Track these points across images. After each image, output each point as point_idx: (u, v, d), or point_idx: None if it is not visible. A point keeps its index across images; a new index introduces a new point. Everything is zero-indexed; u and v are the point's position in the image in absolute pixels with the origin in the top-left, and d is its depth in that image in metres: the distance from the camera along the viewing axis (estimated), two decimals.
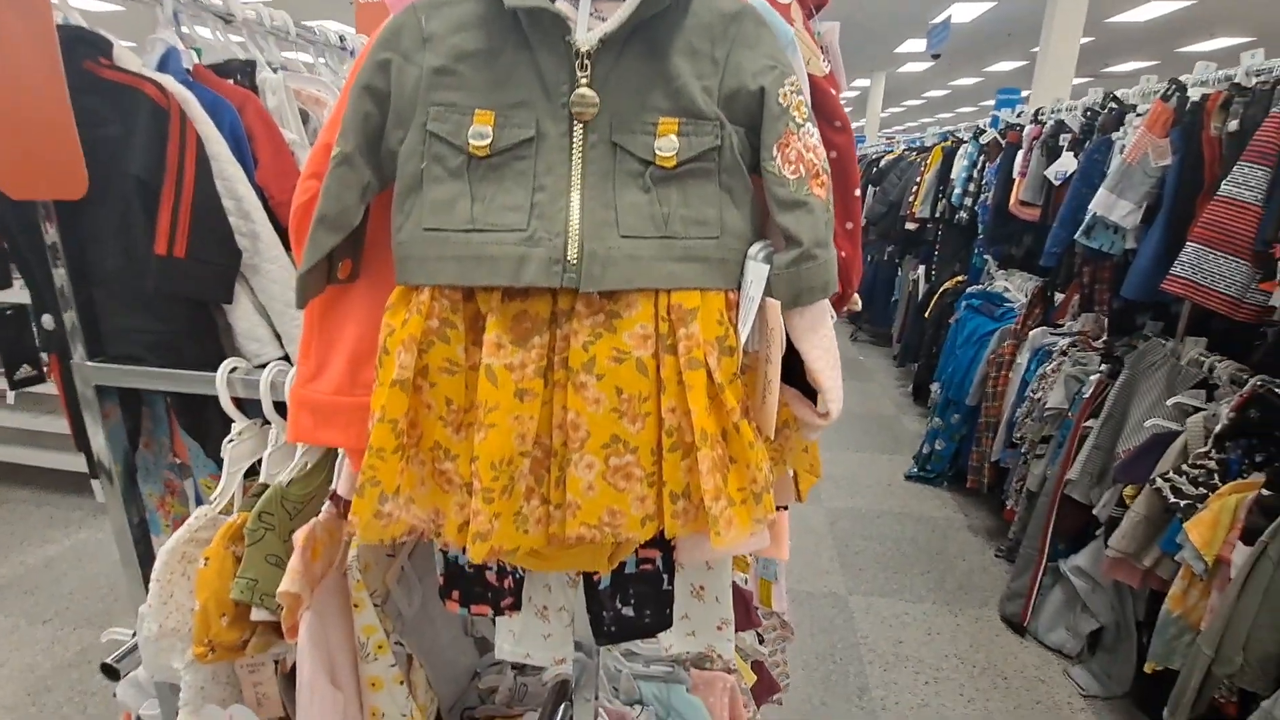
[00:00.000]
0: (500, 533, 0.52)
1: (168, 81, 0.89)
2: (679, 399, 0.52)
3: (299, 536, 0.68)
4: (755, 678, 1.33)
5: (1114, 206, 2.05)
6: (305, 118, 1.20)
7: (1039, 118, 2.94)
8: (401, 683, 0.76)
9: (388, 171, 0.55)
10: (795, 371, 0.54)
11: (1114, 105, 2.30)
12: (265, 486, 0.75)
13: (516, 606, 0.67)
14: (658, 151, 0.52)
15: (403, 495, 0.53)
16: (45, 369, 1.19)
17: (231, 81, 1.08)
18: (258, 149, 0.98)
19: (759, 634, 1.38)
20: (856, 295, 1.18)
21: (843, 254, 0.86)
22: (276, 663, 0.80)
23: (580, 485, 0.52)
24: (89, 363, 0.89)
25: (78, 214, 0.87)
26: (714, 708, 1.05)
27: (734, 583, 1.34)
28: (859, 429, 4.18)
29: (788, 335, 0.52)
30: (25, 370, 1.22)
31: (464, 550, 0.53)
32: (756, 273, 0.52)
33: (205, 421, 0.96)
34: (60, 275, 0.87)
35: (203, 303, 0.91)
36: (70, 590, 2.45)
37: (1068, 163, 2.48)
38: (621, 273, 0.51)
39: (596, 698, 0.87)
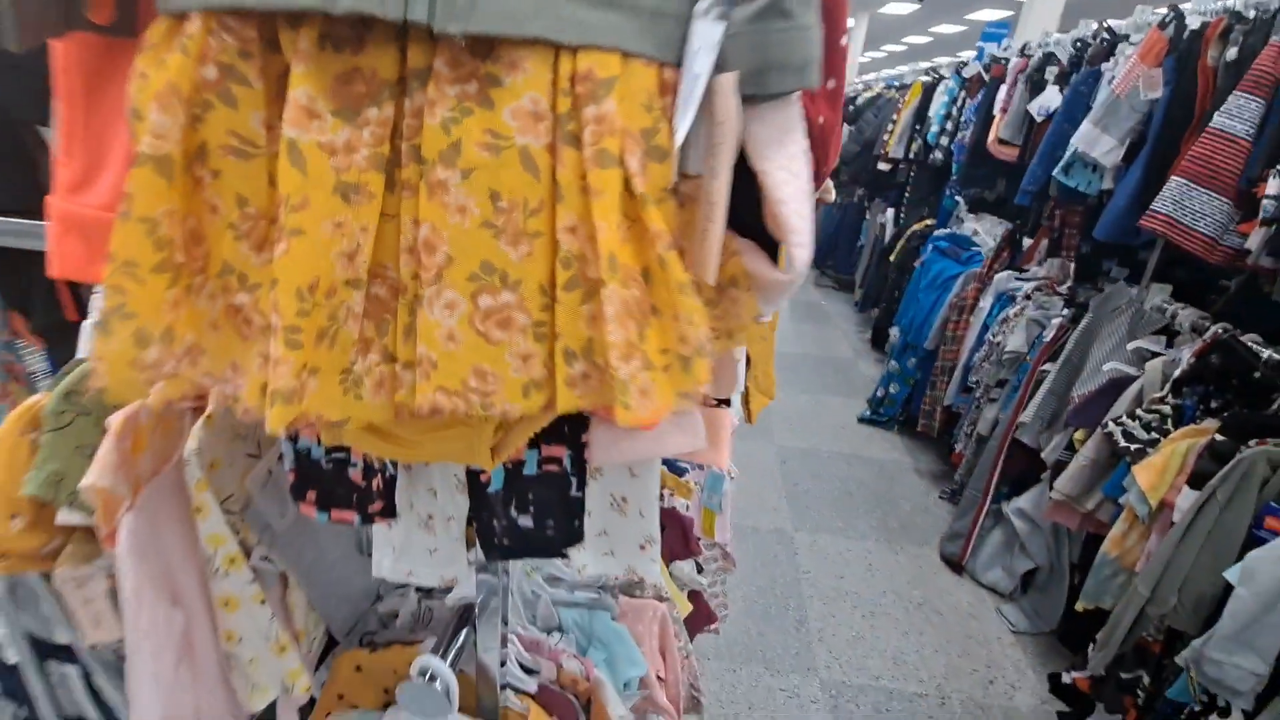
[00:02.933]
0: (319, 395, 0.37)
1: None
2: (582, 213, 0.36)
3: (115, 421, 0.54)
4: (691, 608, 1.27)
5: (1096, 142, 1.95)
6: None
7: (1025, 51, 2.80)
8: (263, 602, 0.63)
9: None
10: (745, 212, 0.40)
11: (1106, 36, 2.17)
12: (81, 361, 0.59)
13: (390, 513, 0.54)
14: None
15: (181, 340, 0.37)
16: None
17: None
18: None
19: (698, 563, 1.31)
20: (830, 185, 1.06)
21: (821, 119, 0.73)
22: (112, 576, 0.67)
23: (437, 334, 0.37)
24: None
25: None
26: (642, 636, 0.97)
27: (674, 509, 1.26)
28: (814, 371, 4.15)
29: (744, 151, 0.38)
30: None
31: None
32: (705, 36, 0.36)
33: (29, 285, 0.77)
34: None
35: (9, 125, 0.71)
36: None
37: (1052, 97, 2.36)
38: (503, 8, 0.34)
39: (506, 623, 0.77)
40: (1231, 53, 1.61)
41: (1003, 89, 2.79)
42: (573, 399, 0.38)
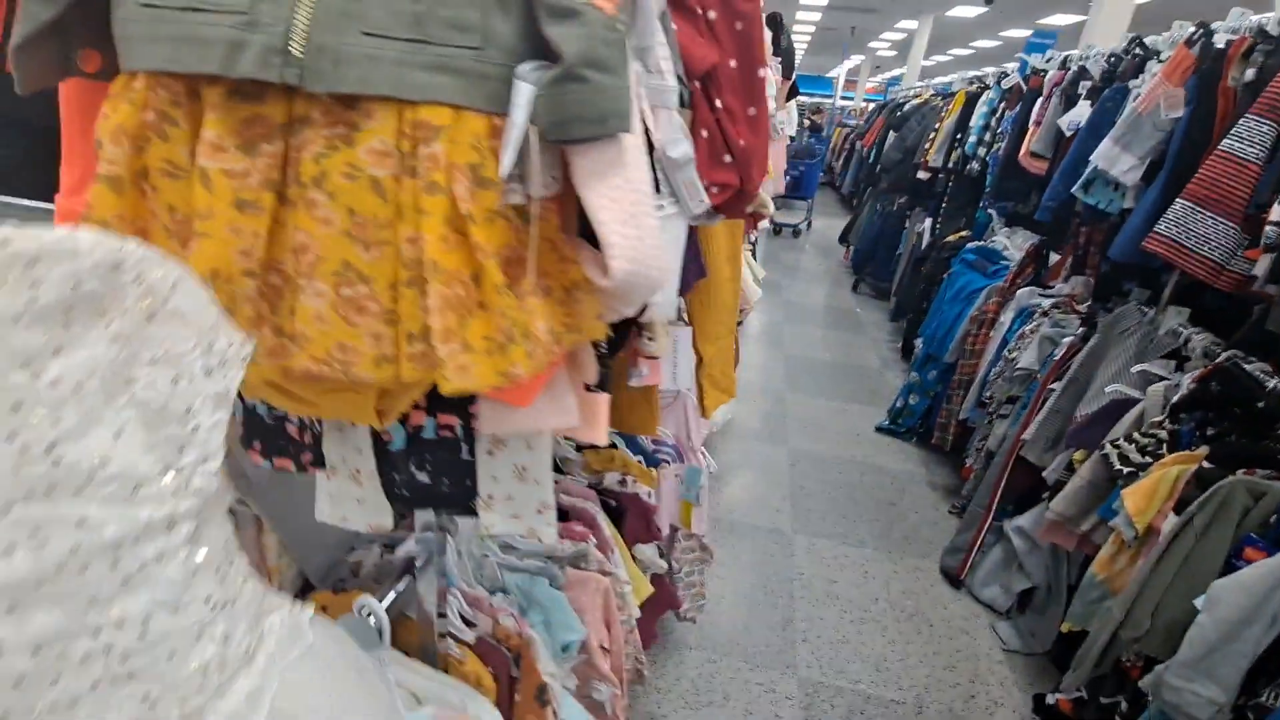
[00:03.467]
0: None
1: None
2: (417, 228, 0.46)
3: None
4: (653, 590, 1.34)
5: (1117, 160, 1.92)
6: None
7: (1067, 64, 2.74)
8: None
9: None
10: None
11: (1139, 51, 2.12)
12: None
13: (318, 463, 0.64)
14: None
15: None
16: None
17: None
18: None
19: (660, 548, 1.38)
20: (766, 199, 1.11)
21: (742, 142, 0.79)
22: None
23: (310, 314, 0.47)
24: None
25: None
26: (586, 606, 1.05)
27: (637, 494, 1.33)
28: (838, 379, 4.13)
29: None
30: None
31: None
32: (520, 94, 0.45)
33: None
34: None
35: (48, 128, 0.84)
36: None
37: (1082, 112, 2.32)
38: (357, 73, 0.44)
39: (445, 578, 0.86)
40: (1250, 74, 1.58)
41: (1039, 102, 2.74)
42: (413, 371, 0.47)
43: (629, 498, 1.27)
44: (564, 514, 1.15)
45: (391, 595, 0.79)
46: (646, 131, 0.57)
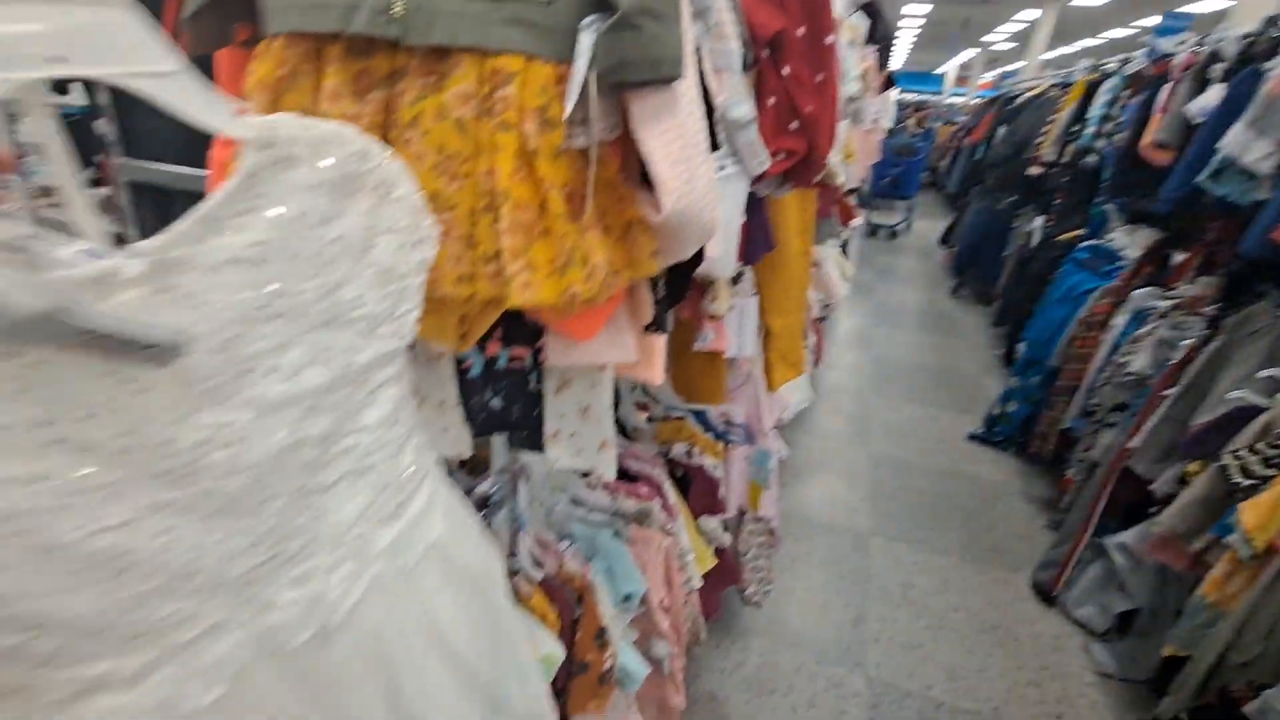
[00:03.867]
0: None
1: None
2: (492, 162, 0.53)
3: None
4: (716, 561, 1.37)
5: (1249, 147, 1.75)
6: None
7: (1201, 45, 2.51)
8: None
9: None
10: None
11: (1275, 32, 1.92)
12: None
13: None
14: None
15: None
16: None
17: None
18: None
19: (724, 522, 1.41)
20: (836, 169, 1.11)
21: (808, 109, 0.82)
22: None
23: None
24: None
25: None
26: (647, 562, 1.10)
27: (702, 466, 1.37)
28: (931, 383, 3.96)
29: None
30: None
31: None
32: (583, 43, 0.51)
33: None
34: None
35: None
36: None
37: (1213, 97, 2.12)
38: (446, 29, 0.52)
39: (517, 519, 0.94)
40: None
41: (1165, 88, 2.53)
42: (487, 288, 0.54)
43: (695, 469, 1.31)
44: (630, 477, 1.21)
45: None
46: (707, 93, 0.61)
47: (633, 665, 1.03)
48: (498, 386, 0.69)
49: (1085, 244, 3.09)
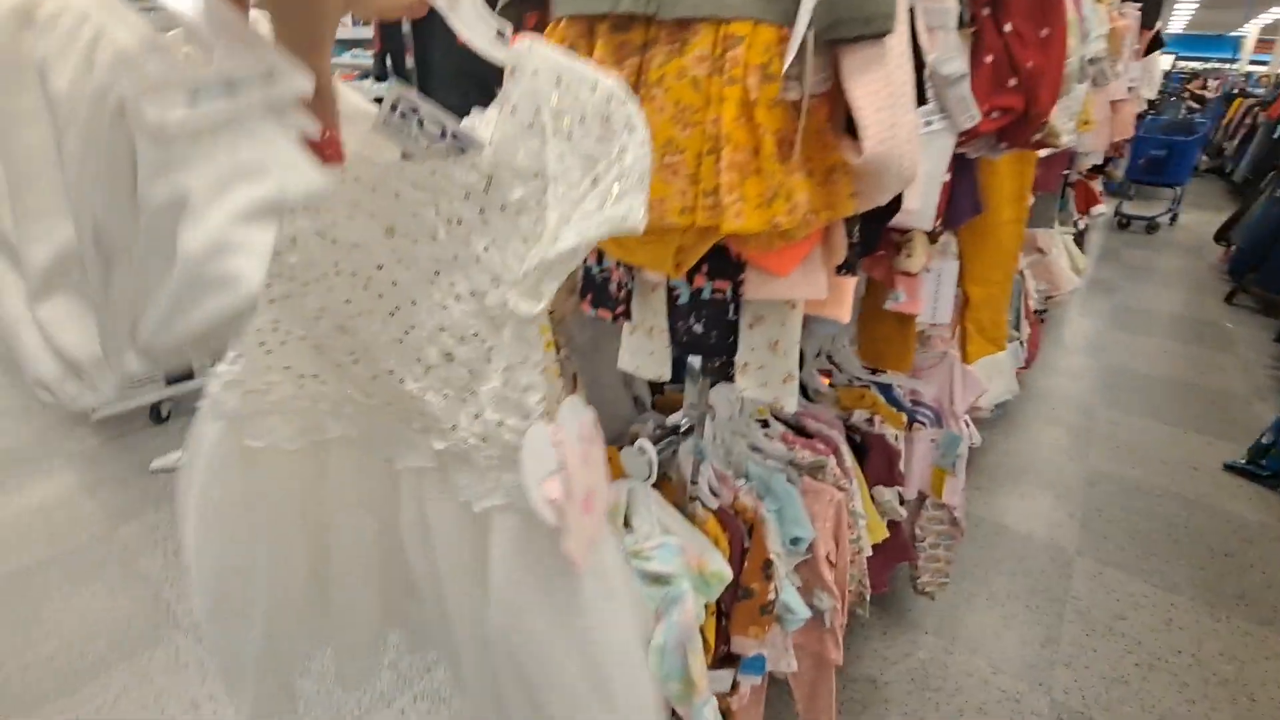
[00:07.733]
0: None
1: None
2: (719, 111, 0.62)
3: None
4: (887, 535, 1.37)
5: None
6: None
7: None
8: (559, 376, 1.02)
9: None
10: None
11: None
12: None
13: (628, 315, 0.86)
14: None
15: None
16: None
17: None
18: None
19: (900, 494, 1.39)
20: (1057, 128, 1.03)
21: (1030, 64, 0.80)
22: None
23: None
24: None
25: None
26: (818, 514, 1.15)
27: (883, 435, 1.37)
28: (1179, 400, 3.37)
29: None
30: None
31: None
32: (805, 5, 0.57)
33: None
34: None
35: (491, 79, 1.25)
36: None
37: None
38: (691, 2, 0.62)
39: (700, 451, 1.05)
40: None
41: None
42: (705, 217, 0.64)
43: (875, 438, 1.31)
44: (808, 435, 1.26)
45: (659, 449, 1.00)
46: (918, 51, 0.65)
47: (795, 603, 1.10)
48: (700, 314, 0.79)
49: None
